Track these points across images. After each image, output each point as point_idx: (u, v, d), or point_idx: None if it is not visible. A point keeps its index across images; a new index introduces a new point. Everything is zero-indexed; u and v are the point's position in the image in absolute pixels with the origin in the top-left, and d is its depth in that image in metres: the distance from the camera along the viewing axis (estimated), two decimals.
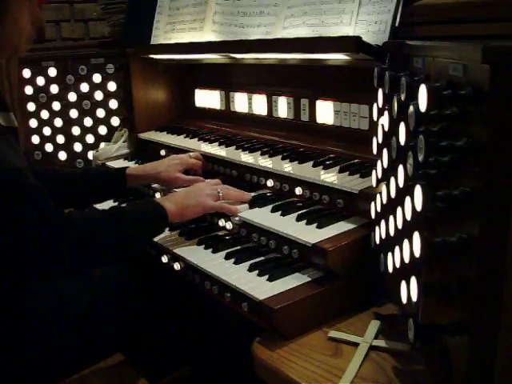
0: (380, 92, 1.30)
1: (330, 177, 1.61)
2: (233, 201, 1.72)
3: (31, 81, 2.58)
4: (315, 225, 1.47)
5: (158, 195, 2.02)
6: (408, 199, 1.07)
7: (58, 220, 1.39)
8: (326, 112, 1.93)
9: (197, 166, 2.00)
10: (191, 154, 2.05)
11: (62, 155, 2.65)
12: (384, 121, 1.29)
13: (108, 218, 1.49)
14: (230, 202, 1.71)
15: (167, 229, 1.78)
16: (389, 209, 1.24)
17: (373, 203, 1.38)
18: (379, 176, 1.34)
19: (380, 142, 1.34)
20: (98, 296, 1.63)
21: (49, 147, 2.63)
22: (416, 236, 1.01)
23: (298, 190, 1.67)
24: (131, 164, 2.38)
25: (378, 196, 1.34)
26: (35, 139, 2.61)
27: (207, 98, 2.54)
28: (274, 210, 1.62)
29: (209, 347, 1.82)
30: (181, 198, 1.66)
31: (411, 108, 1.01)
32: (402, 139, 1.11)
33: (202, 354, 1.82)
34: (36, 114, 2.60)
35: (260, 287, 1.36)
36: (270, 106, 2.17)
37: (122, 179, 1.94)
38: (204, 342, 1.82)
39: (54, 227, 1.37)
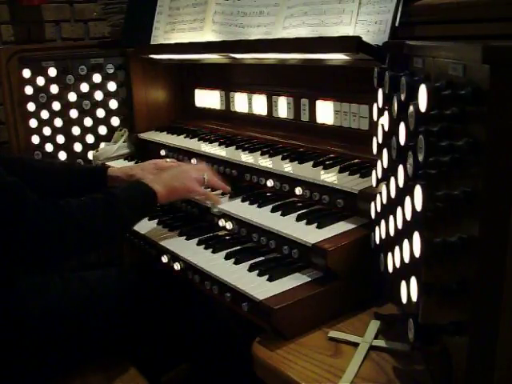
0: (380, 92, 1.30)
1: (330, 177, 1.61)
2: (215, 188, 1.80)
3: (31, 81, 2.57)
4: (315, 225, 1.47)
5: None
6: (408, 199, 1.07)
7: (51, 211, 1.41)
8: (326, 112, 1.93)
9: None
10: (167, 159, 2.09)
11: (62, 155, 2.65)
12: (384, 121, 1.29)
13: (102, 204, 1.52)
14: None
15: (167, 229, 1.82)
16: (389, 209, 1.24)
17: (373, 203, 1.38)
18: (379, 176, 1.33)
19: (380, 142, 1.34)
20: (93, 299, 1.63)
21: (49, 147, 2.63)
22: (416, 236, 1.01)
23: (298, 190, 1.67)
24: (131, 164, 2.38)
25: (378, 196, 1.34)
26: (35, 139, 2.61)
27: (207, 98, 2.54)
28: (273, 210, 1.62)
29: (209, 348, 1.82)
30: (169, 180, 1.71)
31: (411, 108, 1.01)
32: (402, 139, 1.11)
33: (201, 354, 1.82)
34: (36, 114, 2.59)
35: (260, 287, 1.36)
36: (270, 105, 2.17)
37: (103, 179, 1.94)
38: (204, 342, 1.82)
39: (46, 219, 1.38)
